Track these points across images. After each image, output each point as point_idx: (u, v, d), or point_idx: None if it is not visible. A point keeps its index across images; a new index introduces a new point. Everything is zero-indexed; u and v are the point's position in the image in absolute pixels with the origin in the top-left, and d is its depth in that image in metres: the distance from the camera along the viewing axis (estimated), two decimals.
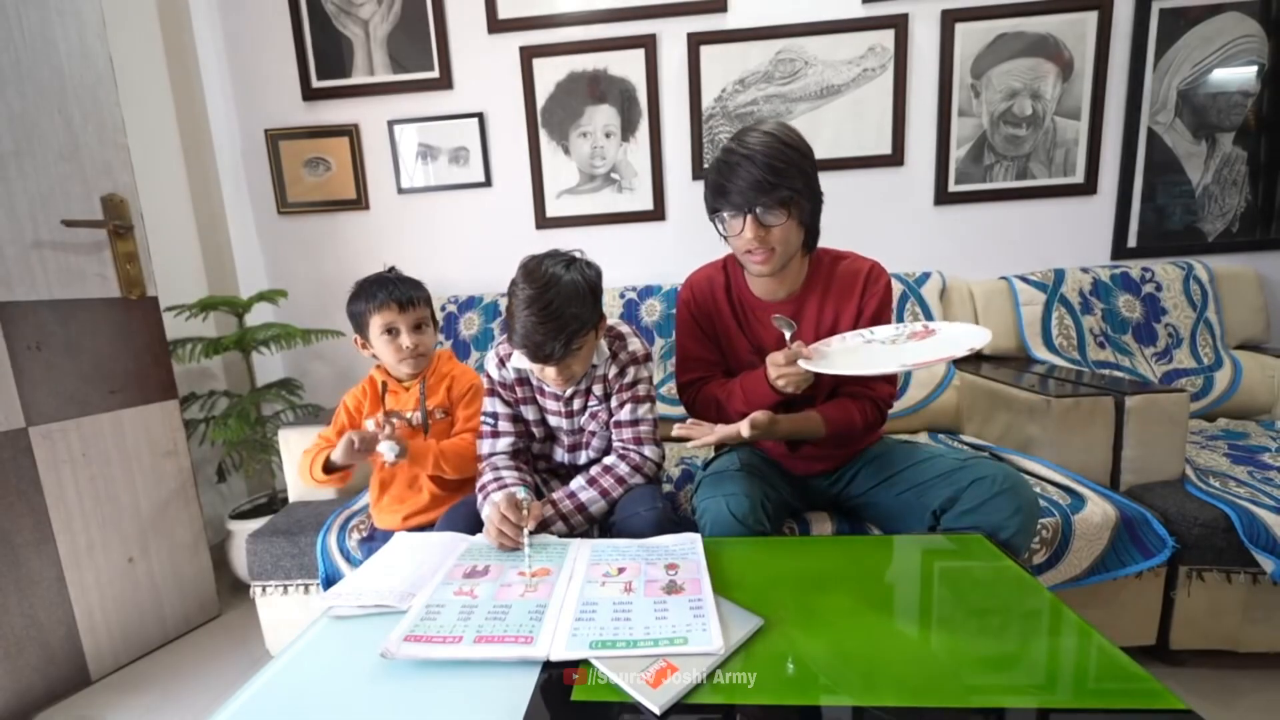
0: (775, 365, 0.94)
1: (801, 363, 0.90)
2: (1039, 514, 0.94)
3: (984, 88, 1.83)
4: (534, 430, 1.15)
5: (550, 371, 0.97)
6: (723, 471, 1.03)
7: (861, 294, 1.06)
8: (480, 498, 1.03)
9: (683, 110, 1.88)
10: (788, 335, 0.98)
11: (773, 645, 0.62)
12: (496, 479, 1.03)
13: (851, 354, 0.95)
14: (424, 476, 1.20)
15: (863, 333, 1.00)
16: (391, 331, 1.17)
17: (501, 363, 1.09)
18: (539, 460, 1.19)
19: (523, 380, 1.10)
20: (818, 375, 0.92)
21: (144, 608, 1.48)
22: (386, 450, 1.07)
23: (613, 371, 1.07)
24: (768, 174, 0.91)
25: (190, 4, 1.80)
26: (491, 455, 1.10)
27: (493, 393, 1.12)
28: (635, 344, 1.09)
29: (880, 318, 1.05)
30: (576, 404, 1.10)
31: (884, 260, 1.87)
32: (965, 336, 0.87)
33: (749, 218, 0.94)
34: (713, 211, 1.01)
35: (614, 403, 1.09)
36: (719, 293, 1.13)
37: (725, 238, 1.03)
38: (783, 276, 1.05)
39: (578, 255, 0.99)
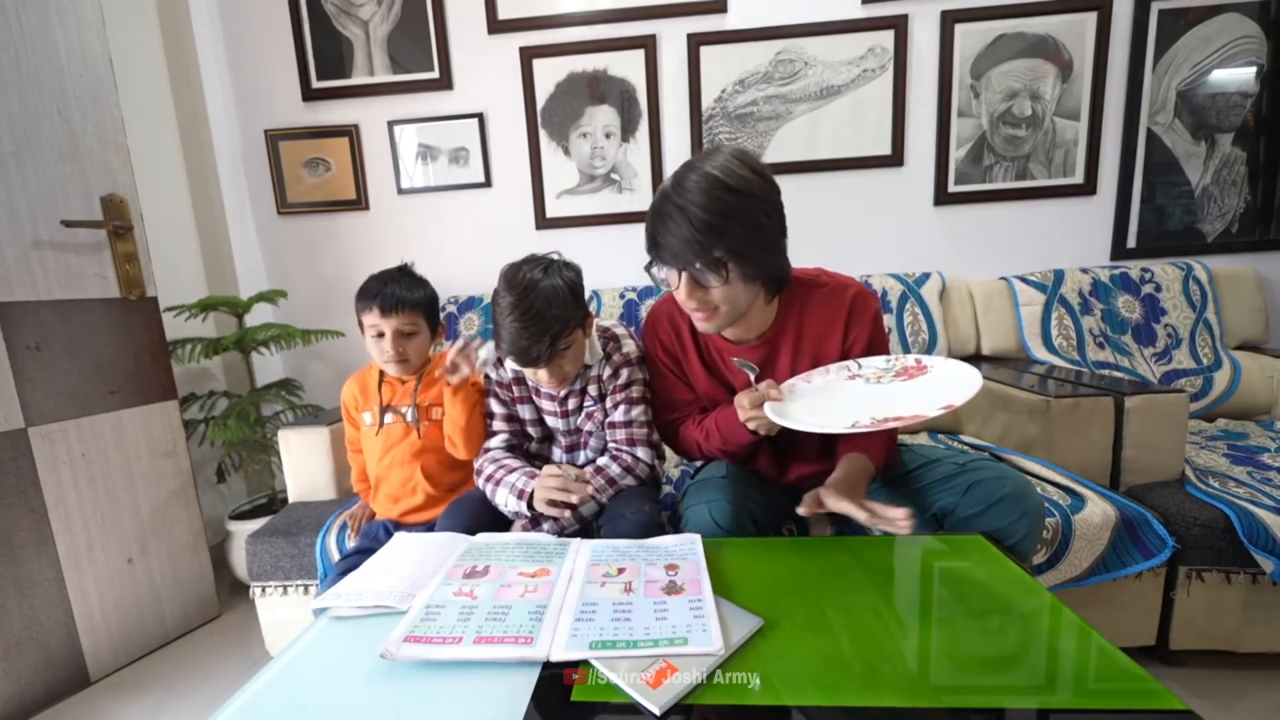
0: (742, 408, 0.88)
1: (767, 408, 0.83)
2: (1044, 516, 0.92)
3: (983, 88, 1.83)
4: (530, 430, 1.15)
5: (542, 374, 0.99)
6: (708, 479, 1.00)
7: (846, 328, 0.96)
8: (490, 486, 1.05)
9: (683, 111, 1.89)
10: (752, 378, 0.93)
11: (773, 645, 0.62)
12: (501, 465, 1.06)
13: (822, 395, 0.87)
14: (419, 477, 1.20)
15: (849, 365, 0.92)
16: (379, 334, 1.15)
17: (499, 362, 1.11)
18: (536, 460, 1.20)
19: (519, 380, 1.12)
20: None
21: (143, 608, 1.48)
22: (485, 353, 1.09)
23: (607, 372, 1.08)
24: (701, 231, 0.80)
25: (190, 4, 1.80)
26: (488, 450, 1.12)
27: (490, 392, 1.14)
28: (630, 345, 1.09)
29: (872, 352, 0.96)
30: (571, 404, 1.11)
31: (883, 261, 1.88)
32: (952, 386, 0.79)
33: (684, 275, 0.85)
34: (651, 261, 0.90)
35: (608, 403, 1.09)
36: (684, 336, 1.04)
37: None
38: (746, 322, 0.95)
39: (555, 257, 1.00)
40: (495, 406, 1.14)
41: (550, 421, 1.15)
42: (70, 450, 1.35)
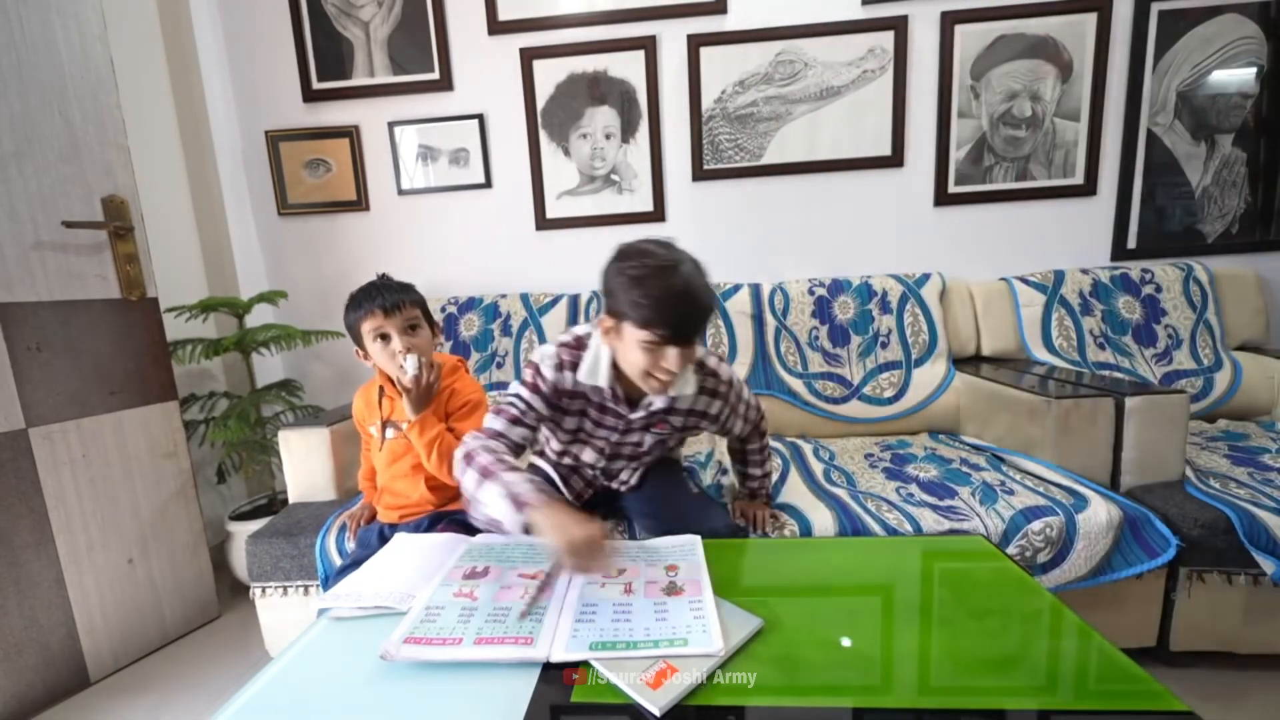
0: None
1: None
2: None
3: (984, 89, 1.83)
4: (560, 435, 1.07)
5: (673, 354, 0.84)
6: None
7: None
8: (474, 475, 0.85)
9: (683, 112, 1.89)
10: None
11: (773, 646, 0.62)
12: (500, 459, 0.87)
13: None
14: (423, 489, 1.19)
15: None
16: (384, 337, 1.13)
17: (564, 366, 0.96)
18: (563, 455, 1.11)
19: (578, 394, 0.98)
20: None
21: (143, 609, 1.48)
22: (410, 364, 1.10)
23: (714, 408, 1.01)
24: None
25: (190, 5, 1.80)
26: (500, 436, 0.94)
27: (536, 389, 0.97)
28: (726, 370, 1.02)
29: None
30: (637, 420, 1.00)
31: (884, 261, 1.89)
32: None
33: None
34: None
35: (737, 427, 1.08)
36: None
37: None
38: None
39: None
40: (538, 404, 0.96)
41: (600, 434, 1.05)
42: (70, 451, 1.35)
